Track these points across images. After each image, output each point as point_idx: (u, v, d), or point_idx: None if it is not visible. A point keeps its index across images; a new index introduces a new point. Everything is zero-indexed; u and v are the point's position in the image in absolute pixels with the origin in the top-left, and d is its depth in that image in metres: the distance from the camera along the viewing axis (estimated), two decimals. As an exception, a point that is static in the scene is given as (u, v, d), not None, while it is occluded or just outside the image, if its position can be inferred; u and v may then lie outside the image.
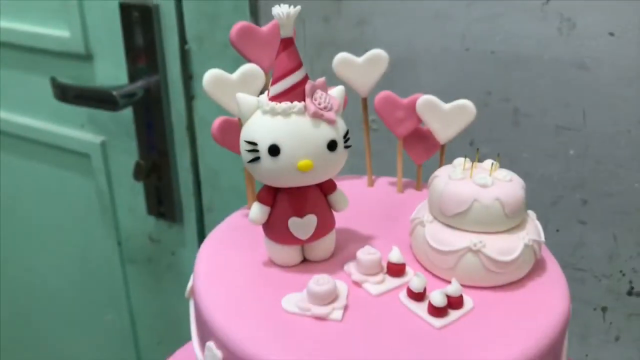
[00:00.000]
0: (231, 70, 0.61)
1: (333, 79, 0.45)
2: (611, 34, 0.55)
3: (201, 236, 0.87)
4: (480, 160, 0.39)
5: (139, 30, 0.77)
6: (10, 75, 0.90)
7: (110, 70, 0.82)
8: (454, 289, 0.33)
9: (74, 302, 1.05)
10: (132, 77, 0.79)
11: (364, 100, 0.46)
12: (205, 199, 0.84)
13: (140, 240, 0.92)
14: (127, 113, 0.82)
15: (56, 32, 0.83)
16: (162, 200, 0.85)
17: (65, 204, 0.96)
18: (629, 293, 0.63)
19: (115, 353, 1.05)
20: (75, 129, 0.89)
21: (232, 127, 0.43)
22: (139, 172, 0.81)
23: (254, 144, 0.33)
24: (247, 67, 0.40)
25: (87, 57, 0.82)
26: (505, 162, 0.43)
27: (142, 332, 1.01)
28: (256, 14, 0.70)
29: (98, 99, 0.77)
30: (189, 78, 0.77)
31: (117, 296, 0.99)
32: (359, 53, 0.48)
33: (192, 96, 0.78)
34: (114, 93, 0.74)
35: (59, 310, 1.08)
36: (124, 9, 0.76)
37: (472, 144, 0.63)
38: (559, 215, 0.63)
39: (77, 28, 0.81)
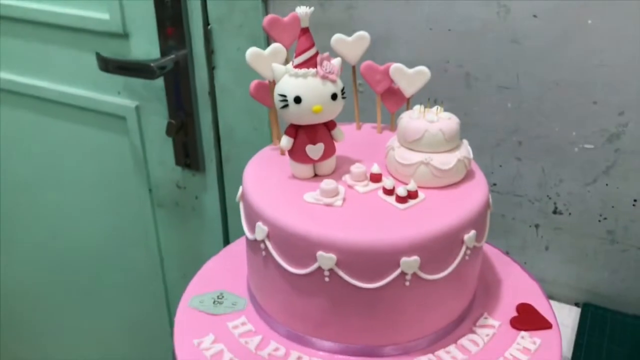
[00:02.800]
0: (245, 44, 0.78)
1: (331, 52, 0.63)
2: (535, 16, 0.73)
3: (221, 182, 1.03)
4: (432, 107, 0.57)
5: (169, 13, 0.91)
6: (57, 52, 1.04)
7: (144, 46, 0.96)
8: (411, 186, 0.52)
9: (109, 243, 1.21)
10: (164, 52, 0.94)
11: (353, 68, 0.63)
12: (223, 151, 1.00)
13: (169, 187, 1.08)
14: (158, 81, 0.97)
15: (97, 14, 0.97)
16: (188, 153, 1.02)
17: (104, 160, 1.11)
18: (554, 212, 0.81)
19: (146, 286, 1.21)
20: (113, 95, 1.04)
21: (263, 87, 0.60)
22: (171, 130, 0.98)
23: (284, 96, 0.52)
24: (275, 46, 0.57)
25: (124, 35, 0.96)
26: (460, 114, 0.59)
27: (169, 267, 1.17)
28: (266, 1, 0.87)
29: (138, 69, 0.93)
30: (211, 52, 0.93)
31: (148, 236, 1.14)
32: (347, 32, 0.63)
33: (213, 67, 0.94)
34: (152, 65, 0.91)
35: (97, 251, 1.23)
36: (157, -4, 0.93)
37: (436, 101, 0.81)
38: (501, 154, 0.80)
39: (116, 11, 0.95)
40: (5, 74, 1.11)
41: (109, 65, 0.96)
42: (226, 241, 1.07)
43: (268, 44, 0.87)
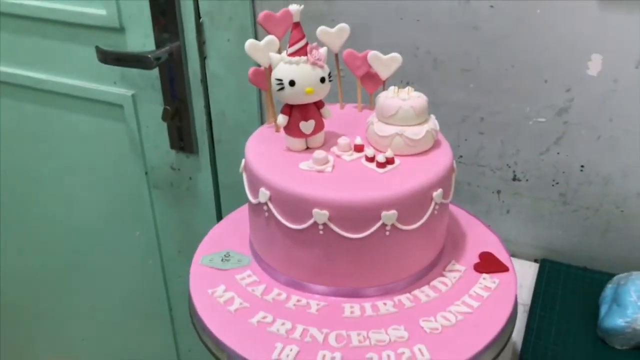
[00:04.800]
0: (234, 35, 0.86)
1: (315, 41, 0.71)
2: (491, 7, 0.82)
3: (213, 163, 1.11)
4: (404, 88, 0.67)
5: (163, 8, 0.99)
6: (57, 46, 1.11)
7: (139, 39, 1.04)
8: (389, 154, 0.62)
9: (108, 223, 1.28)
10: (158, 45, 1.02)
11: (336, 55, 0.72)
12: (215, 134, 1.08)
13: (164, 170, 1.15)
14: (153, 71, 1.04)
15: (95, 10, 1.04)
16: (182, 137, 1.10)
17: (102, 146, 1.18)
18: (513, 179, 0.90)
19: (143, 262, 1.29)
20: (110, 85, 1.11)
21: (260, 73, 0.68)
22: (167, 115, 1.06)
23: (280, 80, 0.61)
24: (269, 38, 0.65)
25: (120, 29, 1.04)
26: (429, 94, 0.66)
27: (165, 244, 1.25)
28: None
29: (136, 60, 1.00)
30: (202, 43, 1.00)
31: (145, 216, 1.22)
32: (327, 22, 0.70)
33: (205, 57, 1.01)
34: (149, 56, 0.99)
35: (96, 230, 1.30)
36: (151, -7, 1.00)
37: (408, 83, 0.90)
38: (465, 129, 0.89)
39: (112, 7, 1.02)
40: (8, 67, 1.18)
41: (107, 57, 1.03)
42: (219, 217, 1.16)
43: (255, 35, 0.97)
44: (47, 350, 1.64)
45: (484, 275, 0.67)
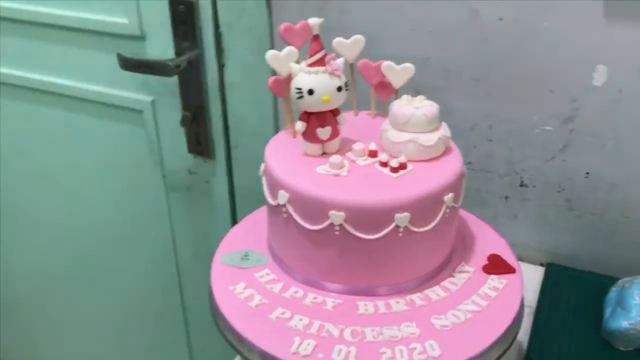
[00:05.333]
0: (252, 45, 0.89)
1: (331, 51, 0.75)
2: (500, 19, 0.85)
3: (229, 168, 1.14)
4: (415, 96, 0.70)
5: (183, 18, 1.02)
6: (80, 53, 1.14)
7: (159, 47, 1.07)
8: (402, 159, 0.65)
9: (125, 225, 1.31)
10: (178, 53, 1.05)
11: (351, 65, 0.74)
12: (232, 139, 1.11)
13: (181, 173, 1.18)
14: (172, 78, 1.07)
15: (117, 19, 1.07)
16: (199, 142, 1.13)
17: (121, 150, 1.22)
18: (521, 185, 0.93)
19: (159, 264, 1.32)
20: (131, 92, 1.14)
21: (279, 82, 0.71)
22: (185, 121, 1.09)
23: (300, 89, 0.64)
24: (289, 48, 0.68)
25: (141, 37, 1.07)
26: (440, 103, 0.68)
27: (181, 246, 1.28)
28: (270, 8, 0.97)
29: (156, 67, 1.03)
30: (221, 52, 1.03)
31: (161, 218, 1.25)
32: (341, 33, 0.71)
33: (222, 65, 1.05)
34: (170, 63, 1.03)
35: (113, 233, 1.34)
36: (172, 3, 1.02)
37: (417, 91, 0.93)
38: (475, 136, 0.92)
39: (134, 16, 1.05)
40: (32, 74, 1.22)
41: (128, 64, 1.07)
42: (234, 220, 1.20)
43: (272, 45, 1.00)
44: (61, 349, 1.68)
45: (492, 276, 0.70)
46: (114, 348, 1.57)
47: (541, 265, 0.96)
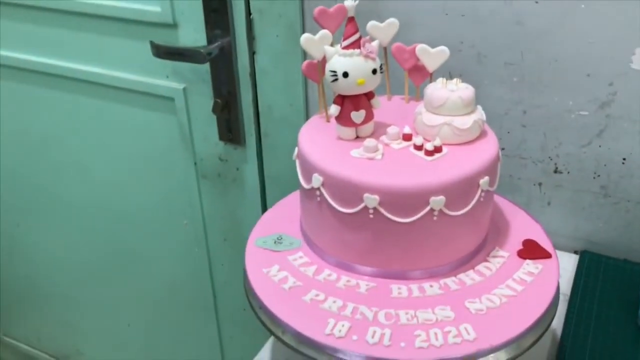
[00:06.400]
0: (283, 31, 0.89)
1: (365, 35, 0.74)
2: (536, 2, 0.85)
3: (259, 155, 1.14)
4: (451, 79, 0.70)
5: (215, 5, 1.03)
6: (113, 41, 1.16)
7: (191, 35, 1.08)
8: (437, 142, 0.65)
9: (157, 212, 1.33)
10: (210, 40, 1.06)
11: (385, 49, 0.75)
12: (262, 127, 1.11)
13: (212, 160, 1.20)
14: (203, 65, 1.08)
15: (150, 7, 1.08)
16: (230, 129, 1.14)
17: (154, 137, 1.23)
18: (555, 171, 0.92)
19: (190, 249, 1.33)
20: (162, 79, 1.15)
21: (312, 66, 0.71)
22: (217, 108, 1.10)
23: (335, 72, 0.64)
24: (323, 32, 0.68)
25: (173, 25, 1.08)
26: (474, 87, 0.68)
27: (211, 232, 1.29)
28: None
29: (188, 55, 1.04)
30: (252, 39, 1.04)
31: (193, 205, 1.26)
32: (374, 17, 0.71)
33: (254, 52, 1.05)
34: (202, 51, 1.04)
35: (145, 218, 1.35)
36: (204, -9, 1.05)
37: (451, 76, 0.92)
38: (508, 121, 0.91)
39: (166, 5, 1.06)
40: (66, 62, 1.24)
41: (161, 51, 1.08)
42: (264, 207, 1.21)
43: (303, 31, 1.00)
44: (94, 335, 1.71)
45: (527, 261, 0.69)
46: (144, 333, 1.59)
47: (575, 252, 0.96)
